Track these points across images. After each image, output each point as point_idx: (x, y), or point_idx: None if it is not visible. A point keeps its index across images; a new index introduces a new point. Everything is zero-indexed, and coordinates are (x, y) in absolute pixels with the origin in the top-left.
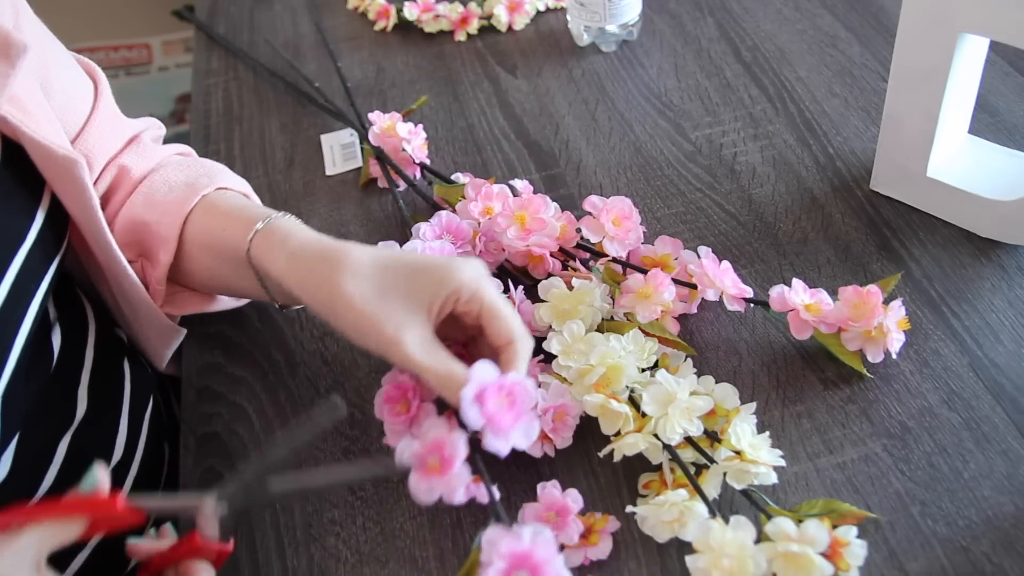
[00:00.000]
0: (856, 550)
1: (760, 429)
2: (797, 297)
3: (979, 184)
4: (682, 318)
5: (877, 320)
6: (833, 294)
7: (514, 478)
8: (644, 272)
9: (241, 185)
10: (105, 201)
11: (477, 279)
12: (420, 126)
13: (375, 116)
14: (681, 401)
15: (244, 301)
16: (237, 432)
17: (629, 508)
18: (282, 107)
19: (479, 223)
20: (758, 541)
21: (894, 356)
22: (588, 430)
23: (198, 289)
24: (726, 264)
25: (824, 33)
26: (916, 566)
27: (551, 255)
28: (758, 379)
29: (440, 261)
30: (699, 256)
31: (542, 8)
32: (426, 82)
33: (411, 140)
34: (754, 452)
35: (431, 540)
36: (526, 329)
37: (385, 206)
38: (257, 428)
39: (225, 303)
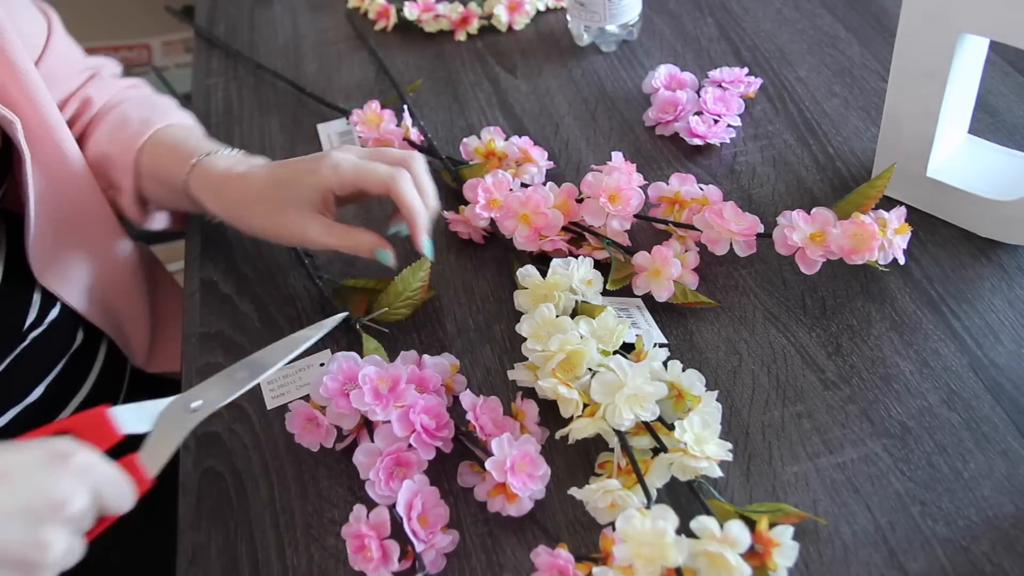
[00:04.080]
0: (788, 551)
1: (760, 429)
2: (798, 234)
3: (979, 184)
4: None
5: (879, 243)
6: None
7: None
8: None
9: (187, 119)
10: (70, 127)
11: (336, 171)
12: (407, 114)
13: (358, 112)
14: (628, 389)
15: None
16: (237, 432)
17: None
18: (282, 107)
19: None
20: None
21: (901, 261)
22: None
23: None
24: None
25: (824, 33)
26: (916, 566)
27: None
28: (758, 379)
29: (307, 168)
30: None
31: (542, 8)
32: (426, 82)
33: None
34: (699, 446)
35: None
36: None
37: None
38: (257, 428)
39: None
